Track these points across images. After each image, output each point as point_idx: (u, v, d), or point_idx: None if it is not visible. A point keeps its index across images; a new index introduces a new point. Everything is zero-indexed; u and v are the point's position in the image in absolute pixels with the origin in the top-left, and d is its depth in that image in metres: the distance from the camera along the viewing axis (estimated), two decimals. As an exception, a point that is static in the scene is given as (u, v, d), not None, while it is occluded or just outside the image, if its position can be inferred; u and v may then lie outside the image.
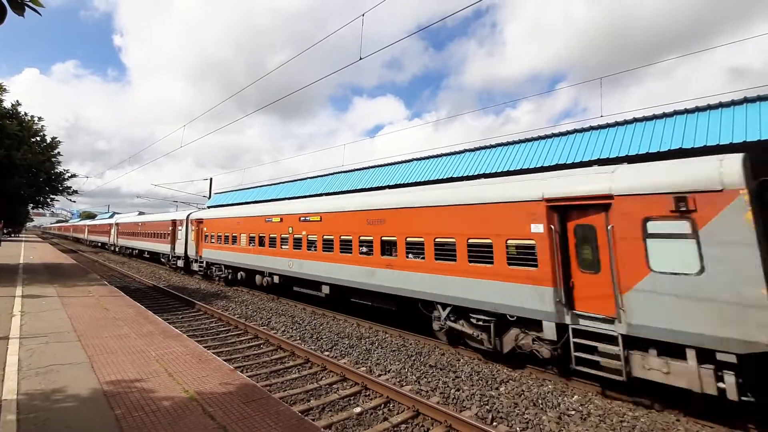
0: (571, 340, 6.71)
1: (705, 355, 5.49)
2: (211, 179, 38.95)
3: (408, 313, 10.21)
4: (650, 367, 5.93)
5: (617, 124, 12.82)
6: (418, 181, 17.76)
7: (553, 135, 14.38)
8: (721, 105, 10.94)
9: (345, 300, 12.03)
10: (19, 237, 65.22)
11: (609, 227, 6.45)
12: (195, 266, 21.99)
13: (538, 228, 7.25)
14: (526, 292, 7.33)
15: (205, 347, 7.72)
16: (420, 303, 9.63)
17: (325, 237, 12.51)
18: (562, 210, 7.16)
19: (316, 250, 12.80)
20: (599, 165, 8.09)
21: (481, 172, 15.40)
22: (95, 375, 5.65)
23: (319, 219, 12.90)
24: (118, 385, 5.30)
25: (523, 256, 7.49)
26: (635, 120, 12.46)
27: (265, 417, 4.59)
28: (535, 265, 7.25)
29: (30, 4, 2.92)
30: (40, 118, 21.05)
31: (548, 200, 7.20)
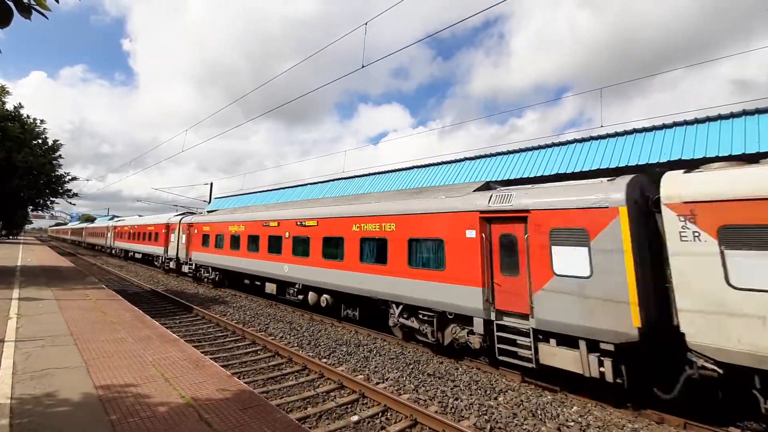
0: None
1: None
2: (211, 184, 39.02)
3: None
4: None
5: (617, 134, 12.91)
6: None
7: (554, 144, 14.45)
8: (720, 117, 11.03)
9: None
10: (17, 239, 65.02)
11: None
12: None
13: None
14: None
15: (202, 352, 7.67)
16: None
17: None
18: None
19: None
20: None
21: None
22: (91, 379, 5.59)
23: None
24: (113, 390, 5.24)
25: None
26: (635, 131, 12.55)
27: (262, 424, 4.54)
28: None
29: (37, 7, 2.94)
30: (42, 121, 21.19)
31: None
